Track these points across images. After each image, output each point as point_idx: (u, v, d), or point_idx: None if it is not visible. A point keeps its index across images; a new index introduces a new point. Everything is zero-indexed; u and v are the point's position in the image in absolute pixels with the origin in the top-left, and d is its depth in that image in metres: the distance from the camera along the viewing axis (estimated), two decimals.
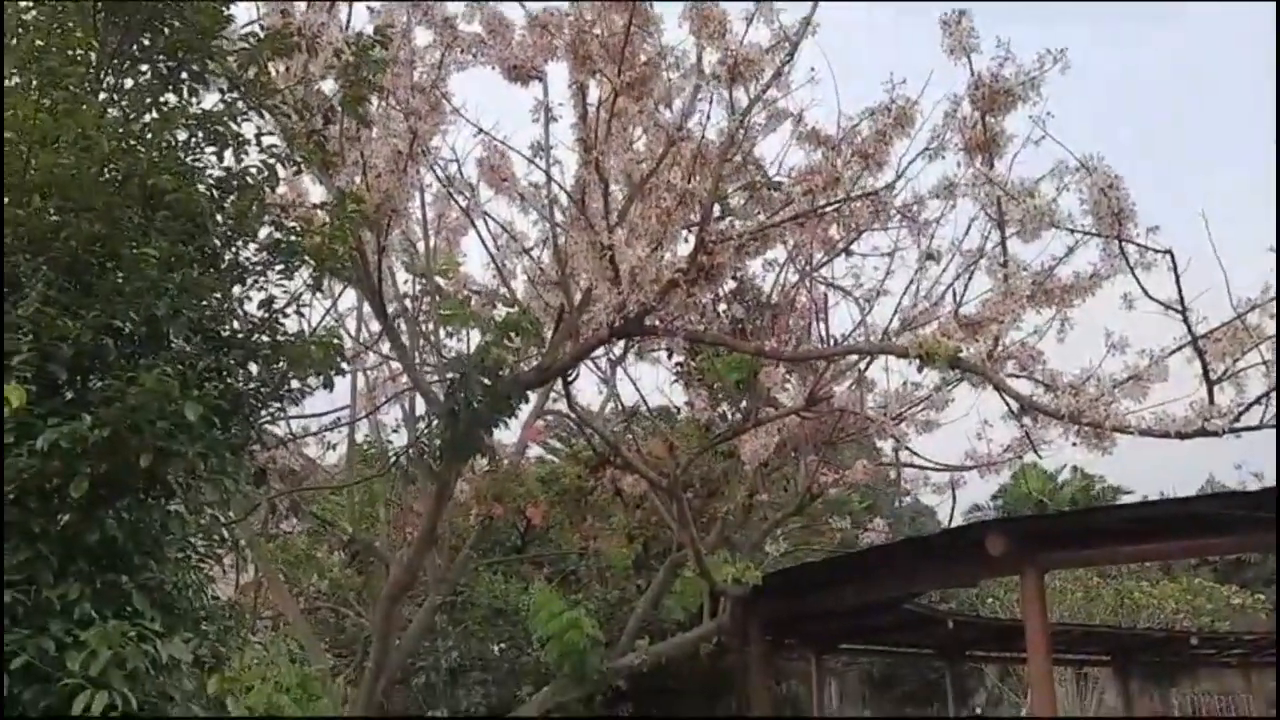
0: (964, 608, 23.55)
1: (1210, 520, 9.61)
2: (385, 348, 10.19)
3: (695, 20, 6.69)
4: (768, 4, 6.63)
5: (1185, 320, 5.55)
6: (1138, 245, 5.61)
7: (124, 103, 5.99)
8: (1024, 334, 7.27)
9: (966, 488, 11.70)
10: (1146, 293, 5.57)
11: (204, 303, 5.80)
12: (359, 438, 11.61)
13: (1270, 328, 5.66)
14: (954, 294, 8.03)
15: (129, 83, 6.09)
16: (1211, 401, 5.59)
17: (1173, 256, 5.46)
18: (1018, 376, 6.45)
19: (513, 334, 7.17)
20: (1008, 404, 6.50)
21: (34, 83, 5.58)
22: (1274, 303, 5.74)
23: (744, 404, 10.57)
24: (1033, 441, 7.50)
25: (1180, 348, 5.81)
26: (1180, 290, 5.48)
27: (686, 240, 6.88)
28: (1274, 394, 5.49)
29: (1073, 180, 5.88)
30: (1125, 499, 39.63)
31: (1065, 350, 7.26)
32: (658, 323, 6.67)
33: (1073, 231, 6.01)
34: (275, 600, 10.33)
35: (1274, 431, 5.60)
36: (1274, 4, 10.35)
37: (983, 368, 6.03)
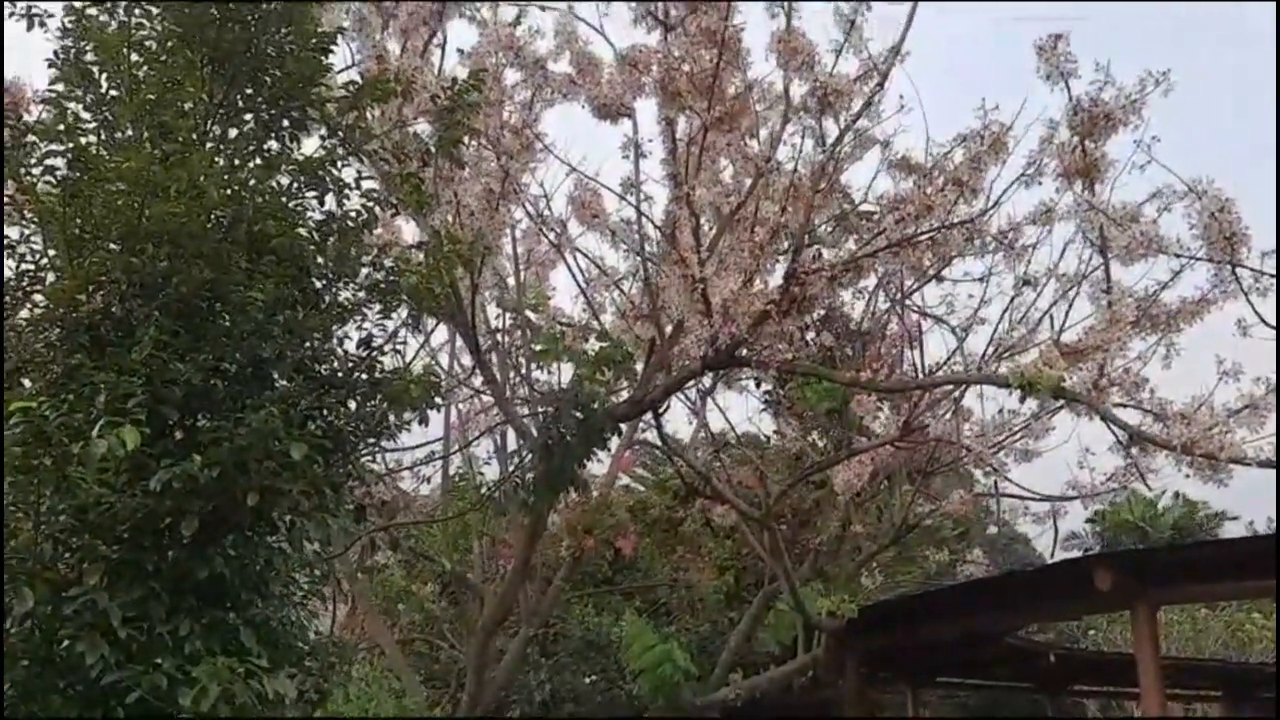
0: (1063, 639, 22.79)
1: None
2: (478, 381, 10.34)
3: (783, 53, 6.69)
4: (856, 34, 6.61)
5: None
6: (1251, 270, 5.40)
7: (229, 151, 6.21)
8: (1126, 361, 7.06)
9: (1064, 516, 11.33)
10: (1262, 318, 5.36)
11: (306, 343, 5.95)
12: (451, 470, 11.79)
13: None
14: (1051, 320, 7.87)
15: (233, 132, 6.30)
16: None
17: None
18: (1124, 405, 6.25)
19: (605, 367, 7.20)
20: (1115, 434, 6.30)
21: (146, 135, 5.82)
22: None
23: (835, 433, 10.43)
24: (1140, 471, 7.25)
25: None
26: None
27: (774, 271, 6.86)
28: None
29: (1178, 202, 5.71)
30: (1230, 525, 37.99)
31: (1172, 377, 7.03)
32: (749, 354, 6.63)
33: (1180, 256, 5.82)
34: (372, 633, 10.49)
35: None
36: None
37: (1087, 397, 5.86)
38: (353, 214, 6.16)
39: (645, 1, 6.63)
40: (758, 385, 10.69)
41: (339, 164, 6.24)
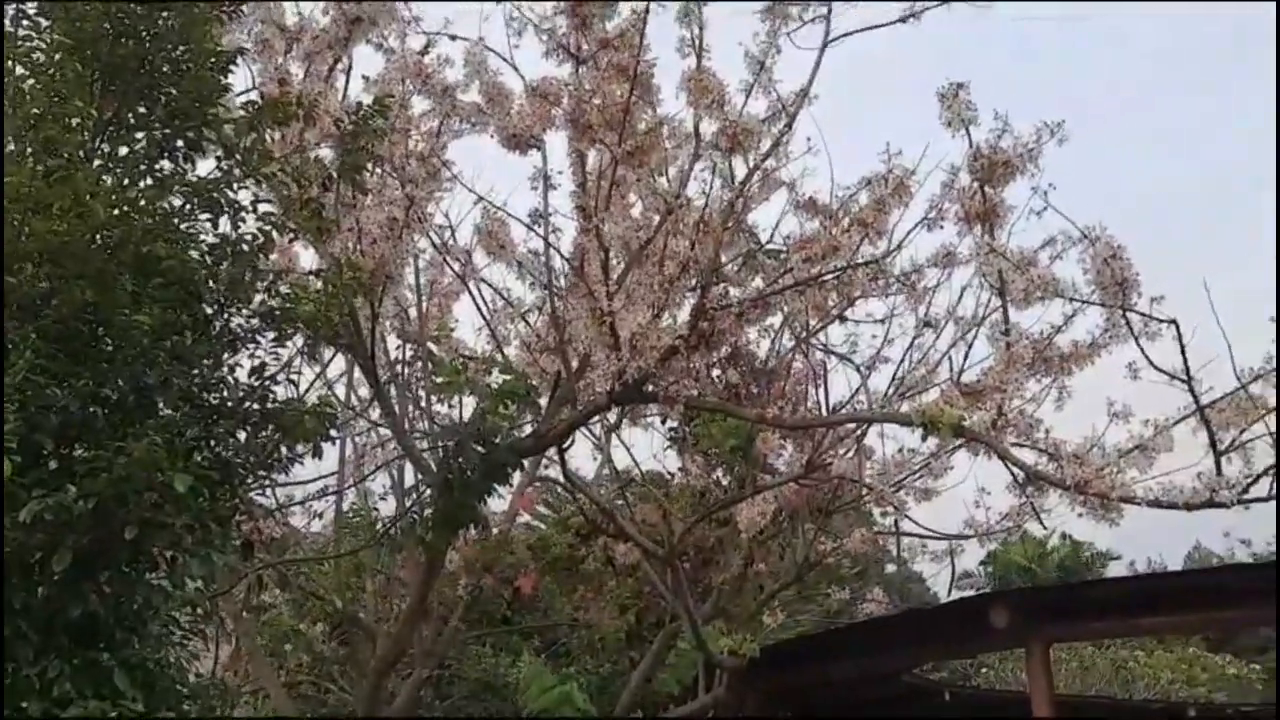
0: (956, 677, 23.20)
1: (1217, 593, 9.48)
2: (375, 414, 10.08)
3: (693, 91, 6.72)
4: (766, 75, 6.70)
5: (1191, 390, 5.51)
6: (1141, 315, 5.59)
7: (119, 170, 5.96)
8: (1022, 402, 7.23)
9: (960, 555, 11.52)
10: (1151, 362, 5.54)
11: (194, 370, 5.72)
12: (345, 505, 11.44)
13: (1275, 399, 5.63)
14: (951, 361, 8.04)
15: (124, 150, 6.07)
16: (1219, 473, 5.52)
17: (1177, 326, 5.45)
18: (1020, 445, 6.37)
19: (509, 401, 7.07)
20: (1012, 473, 6.42)
21: (29, 150, 5.55)
22: (1275, 373, 5.71)
23: (739, 471, 10.45)
24: (1036, 510, 7.41)
25: (1185, 417, 5.77)
26: (1185, 360, 5.45)
27: (683, 306, 6.85)
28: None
29: (1072, 248, 5.89)
30: (1114, 565, 39.42)
31: (1064, 419, 7.21)
32: (656, 389, 6.59)
33: (1073, 301, 5.99)
34: (257, 675, 10.06)
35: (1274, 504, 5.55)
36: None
37: (987, 436, 5.96)
38: (248, 237, 5.96)
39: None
40: (663, 422, 10.66)
41: (235, 186, 6.04)
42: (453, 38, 7.51)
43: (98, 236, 5.36)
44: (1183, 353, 5.46)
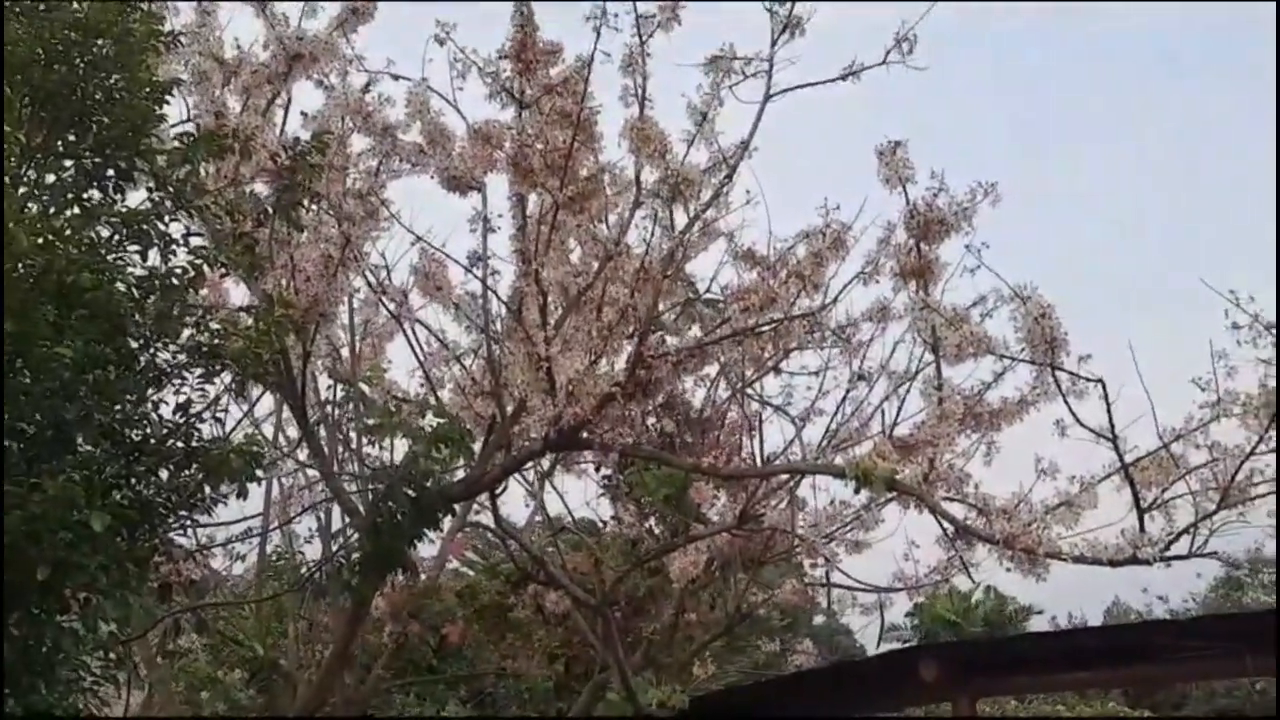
0: None
1: (1137, 649, 9.66)
2: (303, 454, 9.86)
3: (635, 139, 6.78)
4: (708, 126, 6.79)
5: (1116, 448, 5.63)
6: (1069, 373, 5.72)
7: (45, 198, 5.81)
8: (953, 456, 7.33)
9: (890, 607, 11.61)
10: (1078, 420, 5.66)
11: (117, 406, 5.56)
12: (269, 548, 11.13)
13: (1195, 458, 5.79)
14: (883, 414, 8.12)
15: (51, 178, 5.92)
16: (1142, 529, 5.64)
17: (1104, 385, 5.58)
18: (950, 499, 6.45)
19: (442, 445, 6.97)
20: (942, 527, 6.49)
21: None
22: (1198, 433, 5.88)
23: (672, 520, 10.41)
24: (965, 564, 7.48)
25: (1110, 475, 5.89)
26: (1111, 418, 5.58)
27: (620, 353, 6.85)
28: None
29: (1004, 306, 6.02)
30: (1036, 619, 40.04)
31: (994, 474, 7.33)
32: (592, 436, 6.55)
33: (1003, 358, 6.12)
34: None
35: (1205, 559, 5.68)
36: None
37: (919, 490, 6.02)
38: (178, 271, 5.83)
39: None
40: (597, 469, 10.60)
41: (166, 219, 5.92)
42: (395, 77, 7.49)
43: (19, 265, 5.20)
44: (1108, 411, 5.60)
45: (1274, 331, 5.11)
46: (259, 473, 6.07)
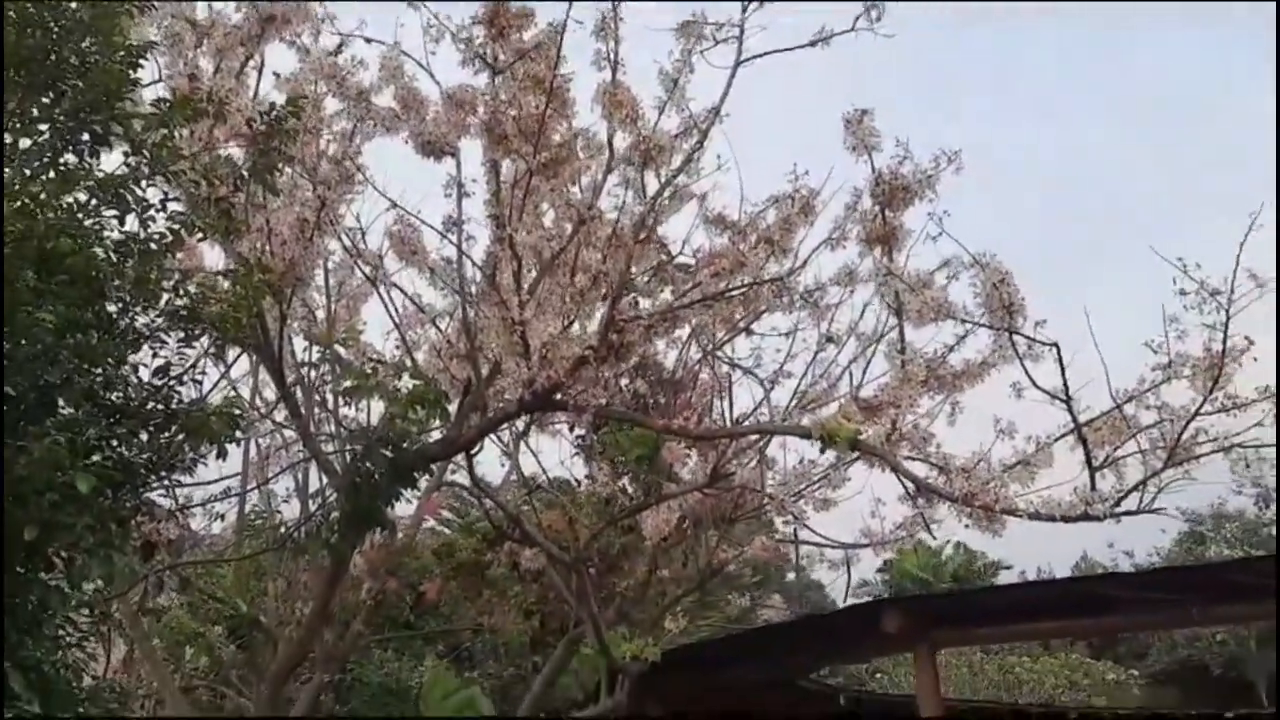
0: (852, 682, 23.79)
1: (1092, 600, 10.00)
2: (280, 415, 9.97)
3: (608, 105, 6.87)
4: (679, 93, 6.88)
5: (1070, 409, 5.85)
6: (1026, 337, 5.92)
7: (18, 163, 5.84)
8: (916, 417, 7.53)
9: (857, 563, 11.93)
10: (1034, 382, 5.86)
11: (97, 369, 5.64)
12: (248, 508, 11.26)
13: (1146, 419, 6.01)
14: (851, 376, 8.31)
15: (26, 142, 5.94)
16: (1094, 488, 5.87)
17: (1059, 349, 5.78)
18: (912, 459, 6.66)
19: (418, 406, 7.10)
20: (904, 485, 6.70)
21: None
22: (1150, 394, 6.11)
23: (645, 479, 10.61)
24: (926, 521, 7.72)
25: (1064, 435, 6.10)
26: (1065, 381, 5.79)
27: (593, 317, 6.98)
28: None
29: (965, 273, 6.19)
30: (1005, 574, 40.87)
31: (956, 434, 7.54)
32: (566, 398, 6.70)
33: (965, 322, 6.30)
34: (153, 678, 9.85)
35: (1152, 515, 5.93)
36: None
37: (881, 450, 6.22)
38: (156, 236, 5.89)
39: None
40: (571, 430, 10.76)
41: (143, 183, 5.97)
42: (368, 40, 7.54)
43: None
44: (1063, 374, 5.80)
45: (1222, 300, 5.31)
46: (238, 434, 6.18)
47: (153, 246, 5.86)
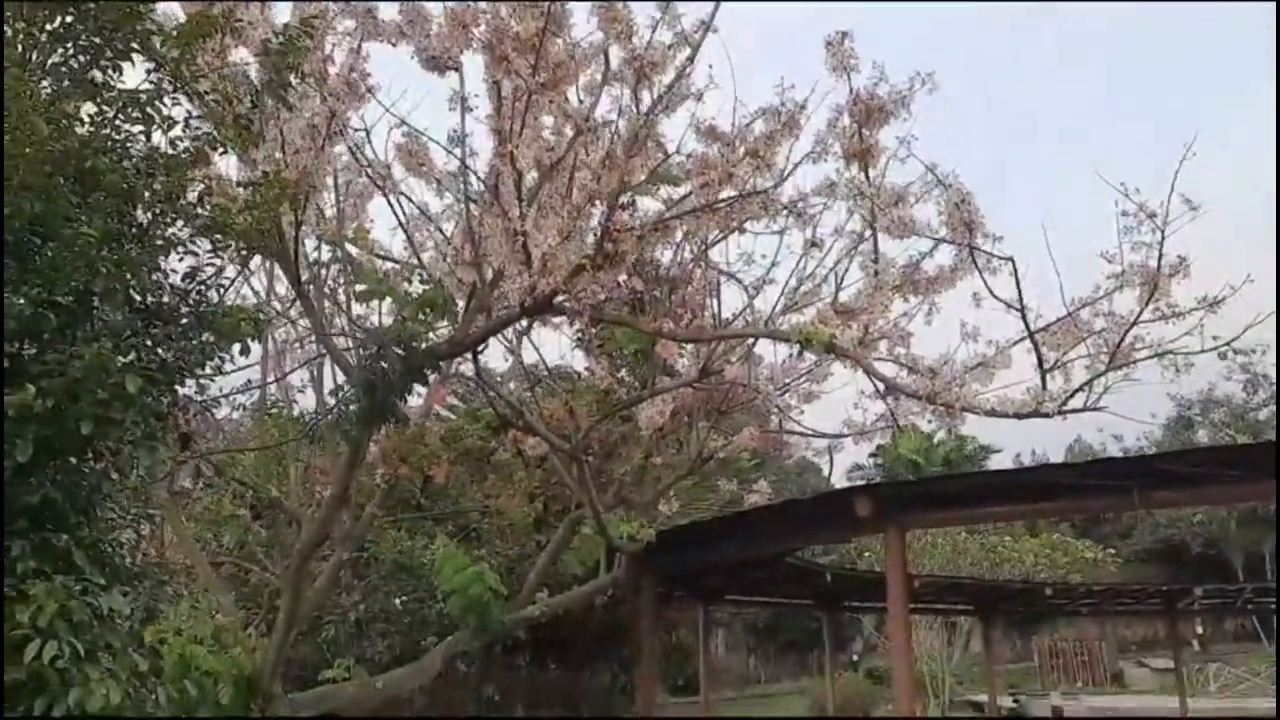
0: (843, 561, 24.93)
1: (1047, 487, 10.74)
2: (294, 313, 10.52)
3: (604, 19, 7.20)
4: (670, 7, 7.18)
5: (1024, 318, 6.37)
6: (984, 252, 6.40)
7: (48, 81, 6.22)
8: (886, 322, 8.05)
9: (851, 447, 12.63)
10: (992, 292, 6.38)
11: (133, 277, 6.14)
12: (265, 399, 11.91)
13: (1096, 324, 6.54)
14: (835, 278, 8.80)
15: (53, 59, 6.30)
16: (1044, 387, 6.44)
17: (1014, 263, 6.28)
18: (883, 359, 7.21)
19: (427, 309, 7.61)
20: (874, 384, 7.26)
21: None
22: (1102, 301, 6.63)
23: (641, 372, 11.20)
24: (895, 416, 8.32)
25: (1019, 340, 6.65)
26: (1020, 291, 6.30)
27: (591, 220, 7.41)
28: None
29: (934, 190, 6.64)
30: (995, 458, 41.97)
31: (928, 336, 8.08)
32: (565, 302, 7.21)
33: (929, 238, 6.78)
34: (186, 556, 10.62)
35: (1101, 413, 6.52)
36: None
37: (854, 352, 6.74)
38: (182, 151, 6.31)
39: None
40: (571, 324, 11.28)
41: (166, 100, 6.35)
42: None
43: (41, 150, 5.68)
44: (1018, 285, 6.32)
45: (1158, 221, 5.78)
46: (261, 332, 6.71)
47: (181, 159, 6.29)
